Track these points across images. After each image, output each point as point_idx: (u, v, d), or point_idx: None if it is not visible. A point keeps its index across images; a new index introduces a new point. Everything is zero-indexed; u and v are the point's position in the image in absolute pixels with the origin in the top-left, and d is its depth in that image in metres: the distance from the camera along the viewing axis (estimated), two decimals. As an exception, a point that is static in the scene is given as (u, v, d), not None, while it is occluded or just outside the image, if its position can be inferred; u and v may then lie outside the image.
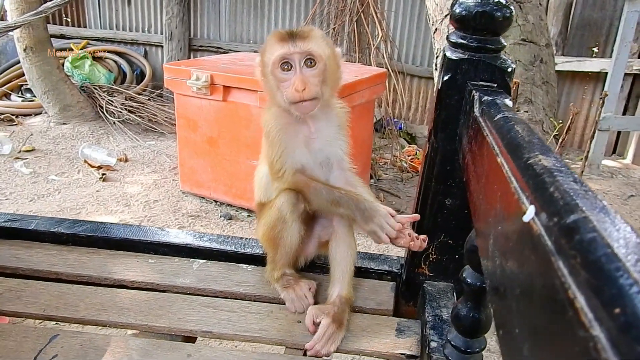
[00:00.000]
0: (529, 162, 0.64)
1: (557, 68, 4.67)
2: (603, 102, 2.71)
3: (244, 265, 1.48)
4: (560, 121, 3.22)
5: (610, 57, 4.75)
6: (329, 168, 1.32)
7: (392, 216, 1.20)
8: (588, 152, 2.78)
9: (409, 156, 4.53)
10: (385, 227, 1.18)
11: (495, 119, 0.87)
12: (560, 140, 2.57)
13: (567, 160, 4.95)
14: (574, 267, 0.43)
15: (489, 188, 0.79)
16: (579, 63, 4.95)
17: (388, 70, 4.57)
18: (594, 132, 2.89)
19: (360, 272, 1.47)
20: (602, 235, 0.43)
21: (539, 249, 0.50)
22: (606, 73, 4.71)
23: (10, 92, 5.50)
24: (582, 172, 2.90)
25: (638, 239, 0.44)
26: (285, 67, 1.20)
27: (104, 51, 6.01)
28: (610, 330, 0.35)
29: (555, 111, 3.17)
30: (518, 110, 2.83)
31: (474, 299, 0.98)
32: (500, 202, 0.70)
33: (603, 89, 4.74)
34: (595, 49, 4.97)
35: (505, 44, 1.18)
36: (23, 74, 5.07)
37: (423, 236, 1.22)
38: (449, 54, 1.19)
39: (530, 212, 0.55)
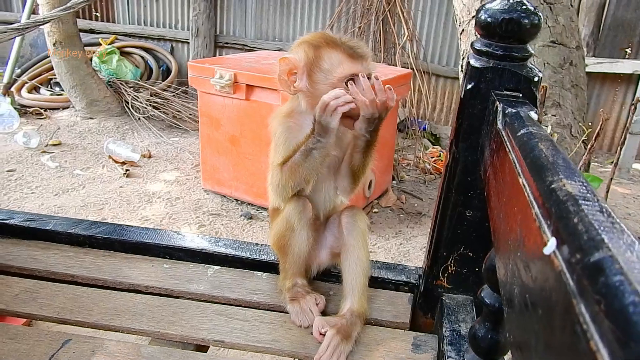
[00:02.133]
0: (552, 186, 0.60)
1: (587, 69, 4.55)
2: (635, 108, 2.63)
3: (259, 273, 1.46)
4: (590, 123, 3.14)
5: (644, 58, 4.62)
6: (337, 167, 1.33)
7: None
8: (619, 157, 2.70)
9: (432, 157, 4.46)
10: (323, 100, 1.13)
11: (519, 134, 0.83)
12: (589, 146, 2.49)
13: (596, 164, 4.83)
14: (598, 315, 0.39)
15: (509, 208, 0.75)
16: (611, 64, 4.83)
17: (413, 70, 4.51)
18: (624, 137, 2.80)
19: (377, 283, 1.44)
20: (629, 280, 0.39)
21: (561, 288, 0.47)
22: (639, 75, 4.58)
23: (39, 85, 5.59)
24: (612, 178, 2.81)
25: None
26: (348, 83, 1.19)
27: (132, 46, 6.06)
28: (638, 397, 0.32)
29: (585, 115, 3.08)
30: (545, 114, 2.76)
31: (492, 319, 0.94)
32: (520, 226, 0.66)
33: (636, 91, 4.62)
34: (628, 50, 4.83)
35: (533, 52, 1.14)
36: (52, 68, 5.14)
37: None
38: (472, 61, 1.14)
39: (551, 245, 0.51)
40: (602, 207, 0.53)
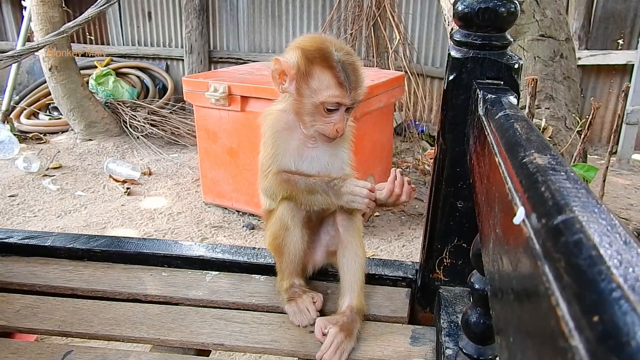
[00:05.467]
0: (524, 161, 0.61)
1: (581, 62, 4.56)
2: (626, 96, 2.63)
3: (257, 276, 1.47)
4: (588, 116, 3.14)
5: (637, 48, 4.63)
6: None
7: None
8: (613, 146, 2.70)
9: (431, 159, 4.47)
10: (355, 190, 1.19)
11: (497, 117, 0.84)
12: (582, 136, 2.49)
13: (595, 156, 4.83)
14: (559, 272, 0.40)
15: (489, 189, 0.76)
16: (604, 56, 4.84)
17: (407, 73, 4.53)
18: (618, 126, 2.81)
19: (375, 279, 1.45)
20: (588, 237, 0.40)
21: (528, 253, 0.48)
22: (633, 65, 4.59)
23: (38, 110, 5.63)
24: (607, 167, 2.82)
25: (629, 239, 0.41)
26: (333, 108, 1.21)
27: (127, 67, 6.12)
28: (589, 340, 0.32)
29: (579, 106, 3.08)
30: (539, 107, 2.76)
31: (483, 304, 0.95)
32: (497, 204, 0.67)
33: (630, 81, 4.62)
34: (620, 41, 4.85)
35: (511, 39, 1.15)
36: (50, 93, 5.18)
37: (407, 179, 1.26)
38: (453, 53, 1.16)
39: (520, 214, 0.52)
40: (569, 176, 0.54)
